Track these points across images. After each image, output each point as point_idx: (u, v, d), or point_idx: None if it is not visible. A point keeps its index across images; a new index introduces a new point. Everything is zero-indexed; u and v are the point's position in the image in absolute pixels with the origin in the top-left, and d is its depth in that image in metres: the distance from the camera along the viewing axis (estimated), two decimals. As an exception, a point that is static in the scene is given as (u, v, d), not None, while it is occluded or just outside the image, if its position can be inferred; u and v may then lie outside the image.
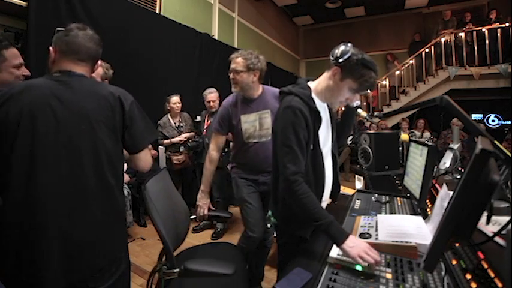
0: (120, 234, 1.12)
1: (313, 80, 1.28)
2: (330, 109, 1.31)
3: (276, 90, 1.63)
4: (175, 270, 1.12)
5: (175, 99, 3.40)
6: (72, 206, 0.96)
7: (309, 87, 1.22)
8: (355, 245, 0.93)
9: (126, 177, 2.95)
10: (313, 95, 1.20)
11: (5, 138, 0.93)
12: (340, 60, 1.10)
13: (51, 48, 1.07)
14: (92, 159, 0.99)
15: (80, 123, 0.98)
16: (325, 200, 1.30)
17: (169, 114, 3.47)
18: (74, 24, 1.10)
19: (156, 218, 1.16)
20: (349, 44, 1.12)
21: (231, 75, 1.75)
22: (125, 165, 1.65)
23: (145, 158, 1.16)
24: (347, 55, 1.09)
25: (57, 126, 0.95)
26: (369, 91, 1.19)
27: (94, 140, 0.99)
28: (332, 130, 1.32)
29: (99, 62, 1.16)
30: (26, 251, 0.92)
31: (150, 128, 1.17)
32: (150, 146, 1.19)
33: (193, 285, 1.25)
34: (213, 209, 1.89)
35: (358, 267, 0.89)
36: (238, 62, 1.72)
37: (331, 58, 1.13)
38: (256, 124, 1.79)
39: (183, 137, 3.39)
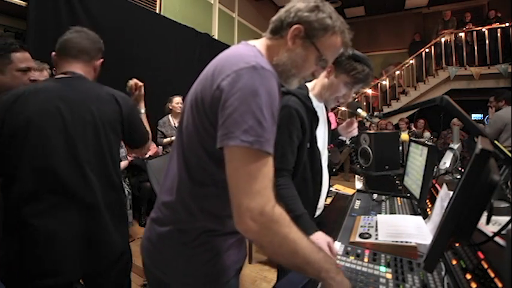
0: (126, 230, 1.19)
1: (309, 81, 1.31)
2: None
3: None
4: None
5: (177, 99, 3.42)
6: (84, 207, 0.99)
7: (306, 87, 1.26)
8: (319, 238, 0.99)
9: (125, 163, 3.08)
10: (311, 95, 1.23)
11: (15, 140, 0.94)
12: None
13: (53, 53, 1.09)
14: (98, 160, 1.01)
15: (86, 125, 0.99)
16: (324, 194, 1.32)
17: (170, 115, 3.47)
18: (74, 27, 1.12)
19: (152, 178, 1.80)
20: None
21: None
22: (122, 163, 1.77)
23: (143, 151, 1.27)
24: None
25: (65, 128, 0.97)
26: (366, 88, 1.21)
27: (99, 141, 1.01)
28: (328, 130, 1.34)
29: (98, 61, 1.16)
30: (49, 250, 0.95)
31: (145, 133, 1.23)
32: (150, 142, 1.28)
33: None
34: None
35: None
36: None
37: None
38: None
39: None
